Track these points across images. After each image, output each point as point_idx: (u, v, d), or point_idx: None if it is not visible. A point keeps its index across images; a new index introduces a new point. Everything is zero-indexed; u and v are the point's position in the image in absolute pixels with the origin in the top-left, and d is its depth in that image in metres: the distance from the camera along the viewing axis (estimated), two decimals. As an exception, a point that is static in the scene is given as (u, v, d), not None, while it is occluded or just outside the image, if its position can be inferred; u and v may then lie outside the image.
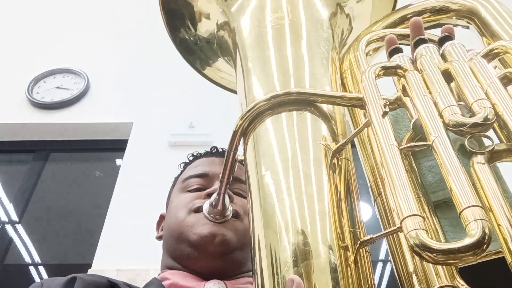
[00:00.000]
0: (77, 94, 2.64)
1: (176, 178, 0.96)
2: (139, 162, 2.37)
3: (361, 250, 0.56)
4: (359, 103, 0.60)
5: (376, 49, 0.80)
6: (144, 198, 2.10)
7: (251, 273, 0.81)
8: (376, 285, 0.58)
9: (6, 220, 2.38)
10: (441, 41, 0.63)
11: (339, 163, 0.62)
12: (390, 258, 0.60)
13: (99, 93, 2.69)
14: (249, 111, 0.65)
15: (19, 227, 2.35)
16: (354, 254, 0.55)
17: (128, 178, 2.31)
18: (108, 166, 2.69)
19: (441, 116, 0.53)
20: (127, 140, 2.49)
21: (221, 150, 0.93)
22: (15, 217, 2.37)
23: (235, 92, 0.91)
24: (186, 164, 0.96)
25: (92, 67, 2.77)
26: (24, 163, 2.61)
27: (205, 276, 0.78)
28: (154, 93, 2.66)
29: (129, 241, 2.03)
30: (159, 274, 0.83)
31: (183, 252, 0.80)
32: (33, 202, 2.44)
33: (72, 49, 2.89)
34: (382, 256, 2.27)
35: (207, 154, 0.94)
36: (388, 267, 2.23)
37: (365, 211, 0.75)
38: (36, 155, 2.61)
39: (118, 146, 2.55)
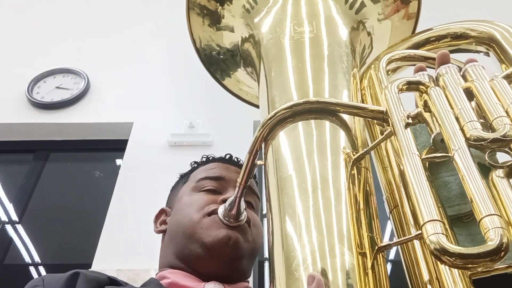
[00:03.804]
0: (77, 94, 2.62)
1: (186, 175, 0.95)
2: (139, 162, 2.36)
3: (378, 255, 0.58)
4: (380, 116, 0.62)
5: (394, 70, 0.82)
6: (144, 198, 2.10)
7: (248, 279, 0.83)
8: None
9: (6, 220, 2.36)
10: None
11: (359, 171, 0.64)
12: (402, 263, 0.62)
13: (99, 93, 2.68)
14: (270, 118, 0.66)
15: (19, 227, 2.34)
16: (372, 259, 0.57)
17: (128, 178, 2.31)
18: (108, 166, 2.68)
19: (462, 130, 0.54)
20: (127, 140, 2.48)
21: (235, 160, 0.93)
22: (15, 217, 2.36)
23: (253, 104, 0.91)
24: (198, 164, 0.95)
25: (92, 67, 2.75)
26: (24, 163, 2.59)
27: (206, 278, 0.78)
28: (154, 93, 2.65)
29: (129, 241, 2.03)
30: (157, 273, 0.82)
31: (192, 252, 0.79)
32: (33, 202, 2.43)
33: (72, 49, 2.88)
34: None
35: (221, 160, 0.93)
36: (388, 267, 2.25)
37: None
38: (36, 155, 2.60)
39: (118, 146, 2.53)
